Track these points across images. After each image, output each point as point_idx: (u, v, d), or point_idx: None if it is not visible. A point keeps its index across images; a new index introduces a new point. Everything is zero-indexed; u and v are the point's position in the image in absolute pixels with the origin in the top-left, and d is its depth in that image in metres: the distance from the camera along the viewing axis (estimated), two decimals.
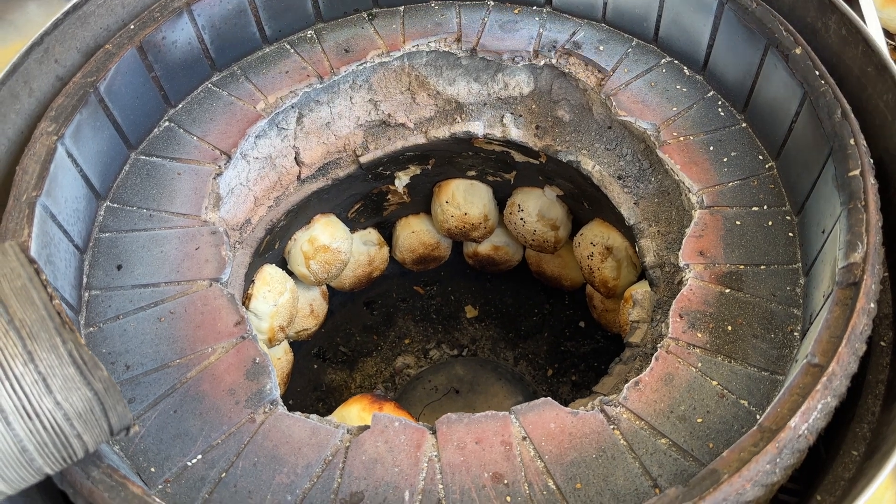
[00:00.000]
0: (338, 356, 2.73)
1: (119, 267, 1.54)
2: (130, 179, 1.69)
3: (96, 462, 1.09)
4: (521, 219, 2.37)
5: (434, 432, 1.30)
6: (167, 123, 1.80)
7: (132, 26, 1.71)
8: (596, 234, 2.16)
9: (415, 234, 2.58)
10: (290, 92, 1.84)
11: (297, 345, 2.49)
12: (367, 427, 1.32)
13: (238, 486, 1.24)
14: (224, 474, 1.25)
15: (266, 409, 1.34)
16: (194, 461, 1.28)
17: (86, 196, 1.58)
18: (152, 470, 1.27)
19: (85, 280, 1.53)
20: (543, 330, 2.74)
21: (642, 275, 1.86)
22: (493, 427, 1.29)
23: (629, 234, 1.85)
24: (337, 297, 2.66)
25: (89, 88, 1.58)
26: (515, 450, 1.26)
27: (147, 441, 1.30)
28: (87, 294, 1.51)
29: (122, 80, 1.67)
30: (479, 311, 2.82)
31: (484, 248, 2.63)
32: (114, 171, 1.68)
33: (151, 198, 1.65)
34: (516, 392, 2.51)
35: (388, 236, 2.63)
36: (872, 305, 1.16)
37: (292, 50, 1.95)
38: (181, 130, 1.78)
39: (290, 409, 2.52)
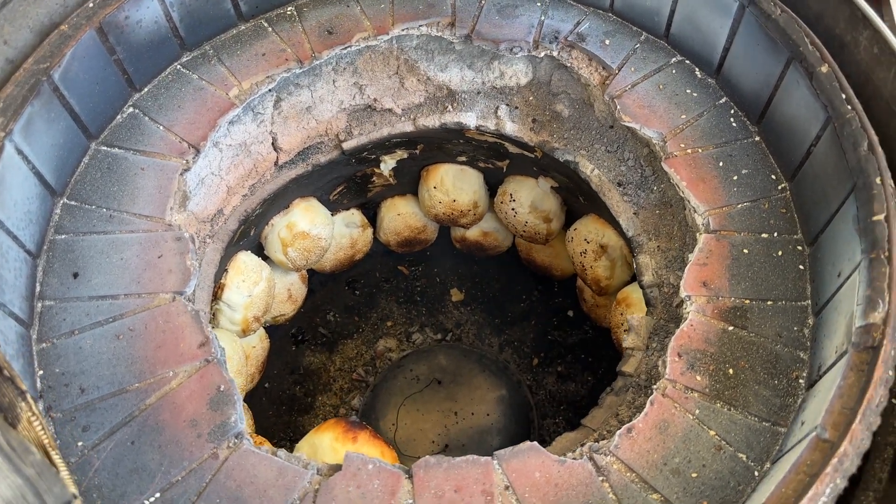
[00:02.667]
0: (317, 338, 2.63)
1: (75, 275, 1.42)
2: (90, 174, 1.55)
3: None
4: (513, 209, 2.24)
5: (410, 476, 1.21)
6: (131, 109, 1.64)
7: (91, 4, 1.54)
8: (590, 231, 2.05)
9: (400, 216, 2.45)
10: (267, 77, 1.69)
11: (274, 327, 2.40)
12: (338, 467, 1.23)
13: None
14: None
15: (230, 444, 1.25)
16: (152, 500, 1.19)
17: (39, 195, 1.44)
18: None
19: (38, 288, 1.40)
20: (531, 317, 2.65)
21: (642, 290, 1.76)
22: (474, 474, 1.21)
23: (630, 245, 1.73)
24: (317, 275, 2.55)
25: (42, 76, 1.42)
26: (497, 501, 1.18)
27: (102, 476, 1.21)
28: (40, 305, 1.39)
29: (80, 65, 1.51)
30: (465, 295, 2.72)
31: (472, 233, 2.51)
32: (71, 165, 1.54)
33: (112, 196, 1.52)
34: (500, 384, 2.43)
35: (372, 217, 2.50)
36: (891, 374, 1.06)
37: (270, 29, 1.79)
38: (146, 118, 1.63)
39: (267, 392, 2.47)
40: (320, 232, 2.16)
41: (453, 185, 2.27)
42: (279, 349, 2.53)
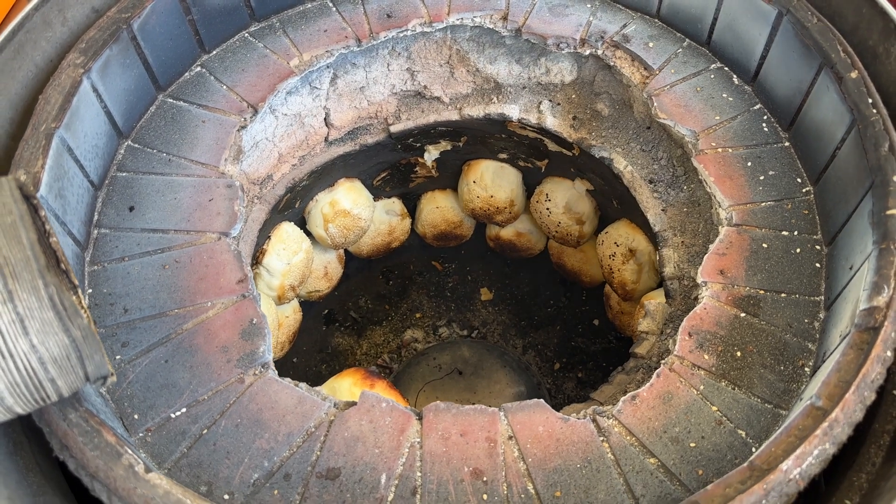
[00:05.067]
0: (347, 321, 2.72)
1: (131, 209, 1.53)
2: (155, 121, 1.67)
3: (74, 405, 1.08)
4: (548, 209, 2.31)
5: (420, 418, 1.28)
6: (199, 69, 1.77)
7: None
8: (621, 235, 2.10)
9: (439, 209, 2.54)
10: (326, 52, 1.80)
11: (307, 305, 2.49)
12: (354, 403, 1.30)
13: (217, 445, 1.23)
14: (206, 431, 1.25)
15: (256, 372, 1.33)
16: (178, 414, 1.27)
17: (107, 133, 1.57)
18: (136, 417, 1.26)
19: (96, 217, 1.52)
20: (556, 322, 2.70)
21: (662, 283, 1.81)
22: (481, 422, 1.27)
23: (655, 239, 1.79)
24: (354, 261, 2.64)
25: (122, 24, 1.56)
26: (499, 448, 1.23)
27: (134, 387, 1.30)
28: (96, 231, 1.50)
29: (158, 19, 1.64)
30: (494, 295, 2.79)
31: (507, 232, 2.58)
32: (139, 111, 1.66)
33: (173, 142, 1.64)
34: (520, 381, 2.48)
35: (411, 208, 2.59)
36: (889, 354, 1.10)
37: (334, 8, 1.91)
38: (212, 78, 1.75)
39: (295, 367, 2.55)
40: (361, 212, 2.26)
41: (492, 181, 2.35)
42: (310, 328, 2.62)
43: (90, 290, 1.42)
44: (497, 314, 2.75)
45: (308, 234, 2.23)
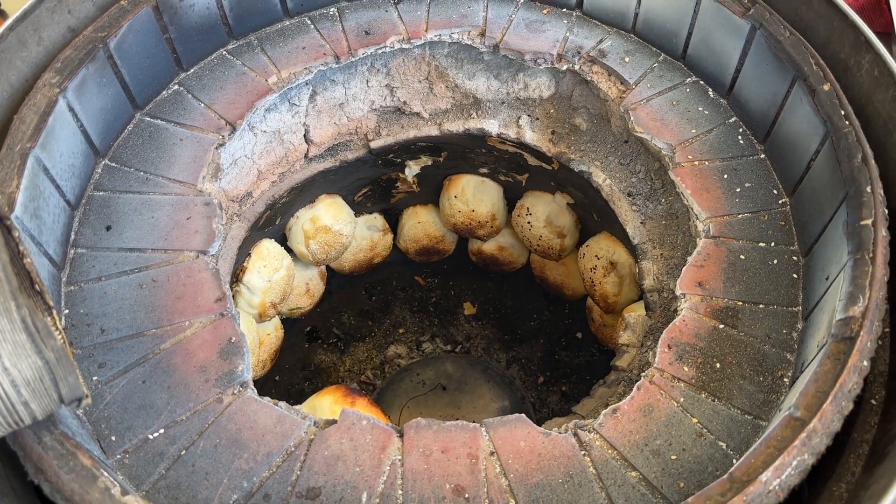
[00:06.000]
0: (330, 337, 2.71)
1: (108, 228, 1.52)
2: (132, 140, 1.67)
3: (50, 427, 1.07)
4: (529, 222, 2.32)
5: (401, 436, 1.27)
6: (176, 87, 1.77)
7: None
8: (602, 248, 2.11)
9: (421, 224, 2.54)
10: (305, 69, 1.80)
11: (290, 322, 2.47)
12: (334, 422, 1.29)
13: (196, 466, 1.21)
14: (184, 452, 1.23)
15: (235, 391, 1.32)
16: (156, 435, 1.26)
17: (84, 152, 1.56)
18: (113, 438, 1.25)
19: (73, 237, 1.51)
20: (540, 336, 2.70)
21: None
22: (462, 438, 1.26)
23: (634, 252, 1.80)
24: (336, 277, 2.63)
25: (98, 43, 1.55)
26: (481, 464, 1.23)
27: (112, 408, 1.28)
28: (73, 251, 1.49)
29: (135, 38, 1.64)
30: (478, 310, 2.79)
31: (489, 247, 2.59)
32: (116, 130, 1.65)
33: (150, 161, 1.63)
34: (504, 396, 2.48)
35: (393, 224, 2.59)
36: (865, 363, 1.11)
37: (312, 26, 1.91)
38: (190, 96, 1.75)
39: (277, 385, 2.53)
40: (342, 228, 2.25)
41: (473, 196, 2.35)
42: (293, 345, 2.60)
43: (67, 311, 1.41)
44: (480, 328, 2.75)
45: (289, 250, 2.23)
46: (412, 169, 2.29)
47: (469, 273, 2.81)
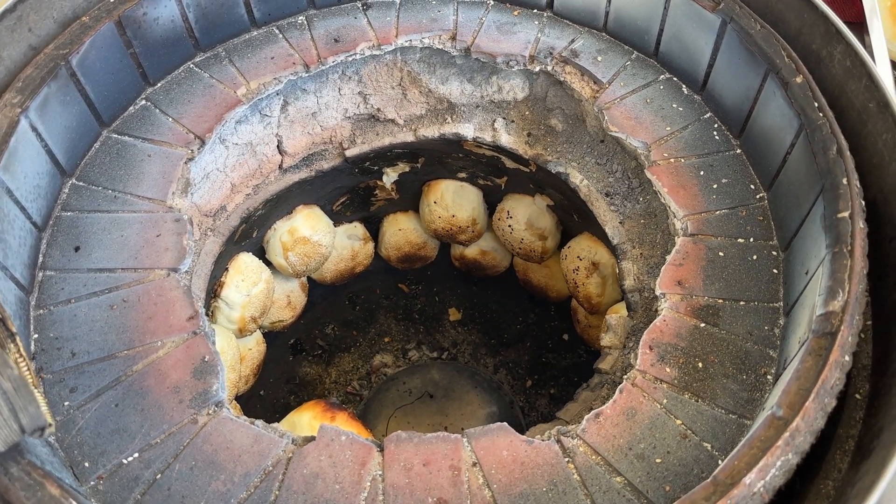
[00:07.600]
0: (315, 349, 2.68)
1: (77, 248, 1.49)
2: (99, 158, 1.63)
3: (16, 457, 1.04)
4: (510, 226, 2.30)
5: (382, 450, 1.24)
6: (143, 102, 1.73)
7: None
8: (584, 249, 2.10)
9: (402, 231, 2.52)
10: (274, 79, 1.78)
11: (273, 335, 2.44)
12: (313, 438, 1.26)
13: (172, 490, 1.19)
14: (159, 476, 1.20)
15: (210, 411, 1.29)
16: (130, 459, 1.22)
17: (49, 172, 1.52)
18: (86, 465, 1.22)
19: (41, 259, 1.47)
20: (526, 339, 2.68)
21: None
22: (444, 450, 1.24)
23: (615, 252, 1.78)
24: (319, 288, 2.61)
25: (60, 61, 1.52)
26: (464, 476, 1.20)
27: (84, 434, 1.25)
28: (41, 274, 1.45)
29: (98, 54, 1.60)
30: (463, 315, 2.76)
31: (471, 251, 2.56)
32: (82, 148, 1.62)
33: (118, 179, 1.60)
34: (492, 401, 2.45)
35: (374, 232, 2.57)
36: (847, 358, 1.09)
37: (280, 35, 1.89)
38: (157, 110, 1.72)
39: (262, 400, 2.50)
40: (321, 239, 2.23)
41: (453, 201, 2.33)
42: (277, 358, 2.57)
43: (36, 335, 1.38)
44: (467, 334, 2.73)
45: (268, 263, 2.20)
46: (390, 176, 2.27)
47: (453, 278, 2.79)
